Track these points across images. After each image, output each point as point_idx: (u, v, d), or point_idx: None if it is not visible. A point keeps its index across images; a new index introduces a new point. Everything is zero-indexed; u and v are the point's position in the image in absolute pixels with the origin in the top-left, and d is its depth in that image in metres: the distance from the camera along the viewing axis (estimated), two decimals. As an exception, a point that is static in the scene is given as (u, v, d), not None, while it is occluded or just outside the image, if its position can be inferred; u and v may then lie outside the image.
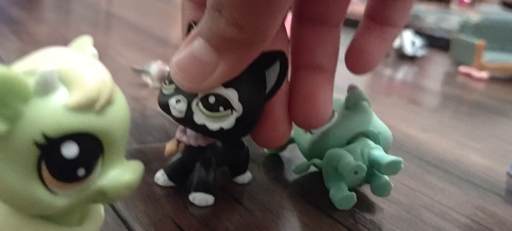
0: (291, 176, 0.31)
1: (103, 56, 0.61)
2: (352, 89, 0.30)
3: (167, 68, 0.47)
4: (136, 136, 0.34)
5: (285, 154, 0.35)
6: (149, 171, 0.28)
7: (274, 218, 0.25)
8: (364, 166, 0.25)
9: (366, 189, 0.30)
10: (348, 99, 0.30)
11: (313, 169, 0.32)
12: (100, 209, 0.17)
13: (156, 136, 0.34)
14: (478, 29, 0.94)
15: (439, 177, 0.35)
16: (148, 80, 0.47)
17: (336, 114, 0.30)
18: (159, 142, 0.33)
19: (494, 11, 0.99)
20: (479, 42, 0.90)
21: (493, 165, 0.40)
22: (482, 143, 0.46)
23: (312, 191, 0.29)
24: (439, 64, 1.01)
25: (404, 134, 0.45)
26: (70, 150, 0.13)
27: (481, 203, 0.31)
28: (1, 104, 0.12)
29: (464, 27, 0.96)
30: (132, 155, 0.31)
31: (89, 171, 0.14)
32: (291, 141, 0.33)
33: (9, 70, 0.12)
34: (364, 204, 0.28)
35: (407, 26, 1.25)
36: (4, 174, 0.13)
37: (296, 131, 0.32)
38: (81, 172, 0.13)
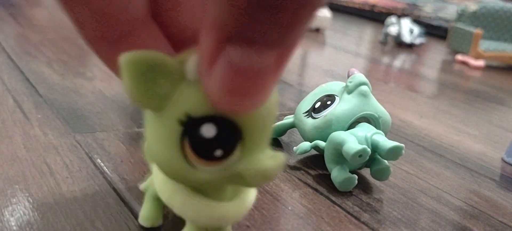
0: (290, 160, 0.31)
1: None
2: (352, 74, 0.30)
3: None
4: (136, 120, 0.34)
5: (284, 138, 0.35)
6: (150, 153, 0.29)
7: (273, 200, 0.25)
8: (369, 150, 0.26)
9: (364, 172, 0.31)
10: (349, 84, 0.30)
11: (312, 152, 0.32)
12: (252, 188, 0.18)
13: (156, 119, 0.34)
14: (476, 18, 0.94)
15: (436, 162, 0.36)
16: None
17: (337, 99, 0.30)
18: (159, 125, 0.33)
19: (492, 0, 1.00)
20: (476, 31, 0.90)
21: (488, 151, 0.40)
22: (478, 130, 0.47)
23: (310, 174, 0.29)
24: (437, 52, 1.01)
25: (402, 120, 0.45)
26: (208, 131, 0.14)
27: (476, 187, 0.32)
28: (154, 83, 0.14)
29: (462, 15, 0.96)
30: (133, 138, 0.31)
31: (226, 153, 0.14)
32: (292, 125, 0.33)
33: (162, 55, 0.13)
34: (362, 187, 0.29)
35: (405, 15, 1.25)
36: (157, 145, 0.15)
37: (297, 116, 0.32)
38: (218, 152, 0.14)
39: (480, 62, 0.88)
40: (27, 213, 0.21)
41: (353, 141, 0.26)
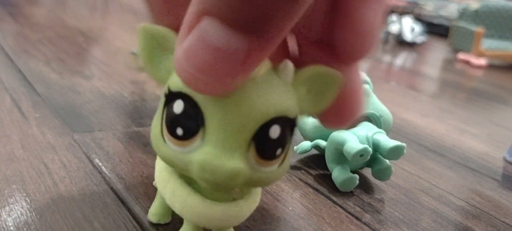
0: (291, 160, 0.31)
1: (101, 39, 0.61)
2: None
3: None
4: (135, 119, 0.34)
5: (284, 137, 0.35)
6: (148, 152, 0.28)
7: (273, 201, 0.25)
8: (370, 150, 0.25)
9: (366, 172, 0.30)
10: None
11: (313, 152, 0.32)
12: (257, 192, 0.18)
13: (155, 119, 0.34)
14: (477, 16, 0.94)
15: (437, 161, 0.35)
16: (146, 63, 0.47)
17: None
18: (158, 124, 0.33)
19: (494, -2, 0.99)
20: (478, 29, 0.90)
21: (490, 150, 0.40)
22: (480, 129, 0.46)
23: (311, 174, 0.29)
24: (438, 51, 1.01)
25: (403, 119, 0.45)
26: (177, 107, 0.14)
27: (478, 187, 0.32)
28: (162, 56, 0.14)
29: (463, 14, 0.96)
30: (132, 137, 0.31)
31: (185, 134, 0.14)
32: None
33: (172, 33, 0.14)
34: (363, 187, 0.28)
35: (406, 13, 1.25)
36: (155, 117, 0.15)
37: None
38: (179, 131, 0.14)
39: (482, 61, 0.87)
40: (25, 213, 0.21)
41: (354, 140, 0.26)
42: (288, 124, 0.15)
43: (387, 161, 0.28)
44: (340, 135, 0.27)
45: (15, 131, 0.29)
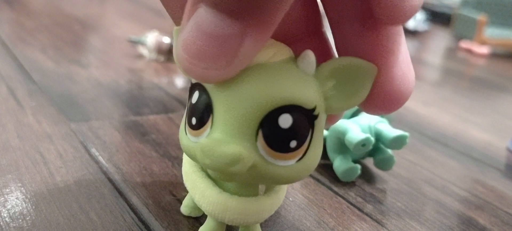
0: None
1: (98, 27, 0.60)
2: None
3: (164, 40, 0.46)
4: (132, 108, 0.33)
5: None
6: (146, 142, 0.28)
7: (273, 191, 0.25)
8: (372, 139, 0.25)
9: (367, 162, 0.30)
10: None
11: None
12: (282, 189, 0.18)
13: (153, 107, 0.34)
14: (480, 4, 0.92)
15: (440, 151, 0.35)
16: (144, 51, 0.46)
17: None
18: (156, 113, 0.33)
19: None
20: (481, 17, 0.88)
21: (493, 139, 0.40)
22: (482, 118, 0.46)
23: (312, 164, 0.29)
24: (440, 39, 1.00)
25: (405, 108, 0.44)
26: (194, 97, 0.15)
27: (481, 177, 0.31)
28: None
29: (466, 2, 0.94)
30: (129, 127, 0.30)
31: (198, 122, 0.14)
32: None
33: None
34: (365, 177, 0.28)
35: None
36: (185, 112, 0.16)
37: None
38: (193, 120, 0.14)
39: (484, 49, 0.87)
40: (20, 204, 0.20)
41: (356, 129, 0.26)
42: (305, 115, 0.14)
43: (389, 150, 0.27)
44: (341, 124, 0.26)
45: (11, 119, 0.29)
